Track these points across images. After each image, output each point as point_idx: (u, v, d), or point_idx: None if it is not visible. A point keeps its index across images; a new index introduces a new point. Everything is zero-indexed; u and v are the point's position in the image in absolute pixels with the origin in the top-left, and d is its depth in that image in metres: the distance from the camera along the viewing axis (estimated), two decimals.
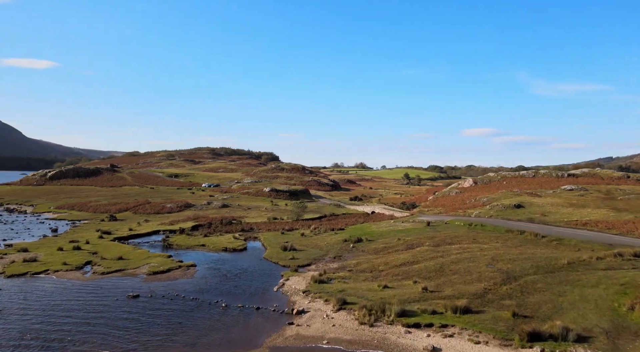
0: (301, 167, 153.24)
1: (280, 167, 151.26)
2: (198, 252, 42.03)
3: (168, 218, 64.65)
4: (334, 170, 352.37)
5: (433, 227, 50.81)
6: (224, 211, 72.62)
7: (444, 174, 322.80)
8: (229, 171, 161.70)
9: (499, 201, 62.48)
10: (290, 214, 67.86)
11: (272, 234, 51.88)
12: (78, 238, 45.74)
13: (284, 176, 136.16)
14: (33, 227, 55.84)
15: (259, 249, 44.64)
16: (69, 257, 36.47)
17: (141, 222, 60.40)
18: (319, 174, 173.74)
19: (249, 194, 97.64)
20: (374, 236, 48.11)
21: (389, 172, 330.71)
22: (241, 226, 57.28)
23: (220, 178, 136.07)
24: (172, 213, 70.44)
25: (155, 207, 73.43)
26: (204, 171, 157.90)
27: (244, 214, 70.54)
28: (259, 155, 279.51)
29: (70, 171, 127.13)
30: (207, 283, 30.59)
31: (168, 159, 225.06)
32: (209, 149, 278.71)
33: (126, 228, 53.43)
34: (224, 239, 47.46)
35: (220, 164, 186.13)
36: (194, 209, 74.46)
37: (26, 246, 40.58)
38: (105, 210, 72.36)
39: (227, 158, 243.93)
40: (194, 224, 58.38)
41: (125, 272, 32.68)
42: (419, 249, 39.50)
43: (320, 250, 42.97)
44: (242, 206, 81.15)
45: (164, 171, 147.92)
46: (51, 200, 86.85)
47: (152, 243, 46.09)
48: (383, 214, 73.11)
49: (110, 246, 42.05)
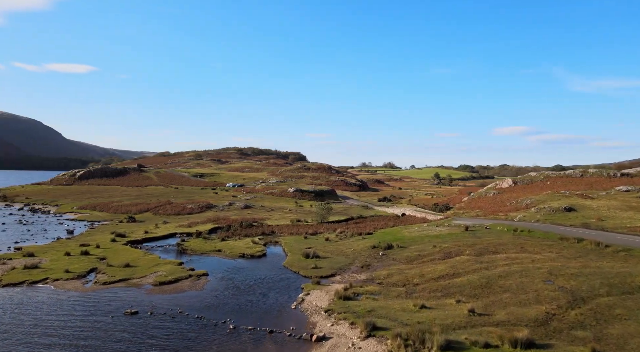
0: (327, 166, 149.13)
1: (306, 166, 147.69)
2: (213, 259, 38.68)
3: (187, 220, 62.00)
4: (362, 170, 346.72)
5: (472, 232, 45.64)
6: (245, 213, 69.48)
7: (476, 173, 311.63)
8: (254, 171, 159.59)
9: (545, 204, 56.30)
10: (314, 216, 63.98)
11: (294, 239, 48.07)
12: (90, 241, 43.35)
13: (310, 175, 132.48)
14: (50, 229, 54.24)
15: (279, 255, 40.90)
16: (74, 263, 33.78)
17: (159, 224, 57.93)
18: (346, 173, 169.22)
19: (272, 194, 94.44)
20: (406, 242, 43.48)
21: (418, 172, 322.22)
22: (262, 229, 53.79)
23: (245, 178, 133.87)
24: (193, 214, 67.86)
25: (176, 208, 71.13)
26: (229, 171, 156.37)
27: (266, 215, 67.17)
28: (286, 155, 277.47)
29: (98, 171, 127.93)
30: (217, 297, 26.98)
31: (195, 159, 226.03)
32: (236, 149, 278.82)
33: (142, 230, 50.91)
34: (242, 244, 44.01)
35: (245, 164, 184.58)
36: (215, 210, 71.71)
37: (34, 250, 38.35)
38: (126, 211, 70.62)
39: (254, 158, 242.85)
40: (212, 226, 55.35)
41: (129, 282, 29.53)
42: (459, 259, 34.66)
43: (346, 258, 38.78)
44: (265, 207, 77.88)
45: (189, 171, 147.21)
46: (76, 200, 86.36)
47: (166, 247, 43.15)
48: (414, 217, 68.09)
49: (120, 250, 39.29)
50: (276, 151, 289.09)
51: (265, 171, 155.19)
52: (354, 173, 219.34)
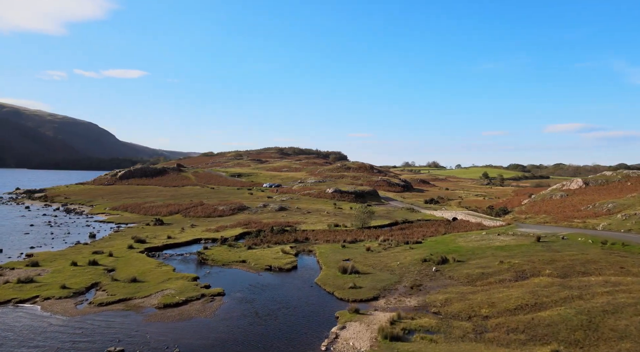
0: (369, 166, 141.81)
1: (347, 166, 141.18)
2: (235, 272, 33.38)
3: (217, 223, 57.56)
4: (405, 169, 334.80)
5: (546, 244, 37.56)
6: (279, 215, 64.23)
7: (528, 173, 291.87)
8: (293, 170, 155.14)
9: (634, 209, 46.71)
10: (354, 220, 57.56)
11: (331, 247, 41.99)
12: (106, 248, 39.48)
13: (350, 175, 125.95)
14: (74, 232, 51.46)
15: (312, 268, 34.98)
16: (76, 276, 29.52)
17: (186, 227, 53.78)
18: (389, 173, 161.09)
19: (310, 195, 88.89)
20: (463, 255, 36.21)
21: (465, 172, 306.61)
22: (295, 235, 48.14)
23: (282, 178, 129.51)
24: (223, 217, 63.49)
25: (207, 210, 67.14)
26: (268, 171, 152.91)
27: (301, 219, 61.55)
28: (326, 154, 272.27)
29: (138, 171, 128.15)
30: (229, 328, 21.42)
31: (236, 159, 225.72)
32: (277, 148, 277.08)
33: (165, 235, 46.73)
34: (270, 254, 38.47)
35: (284, 163, 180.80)
36: (247, 212, 67.05)
37: (43, 258, 34.76)
38: (157, 212, 67.47)
39: (294, 157, 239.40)
40: (241, 231, 50.39)
41: (129, 304, 24.63)
42: (537, 281, 27.17)
43: (392, 274, 32.21)
44: (301, 209, 72.36)
45: (227, 171, 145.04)
46: (111, 200, 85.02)
47: (185, 256, 38.42)
48: (468, 222, 60.02)
49: (133, 260, 34.88)
50: (317, 151, 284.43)
51: (303, 171, 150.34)
52: (396, 173, 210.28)
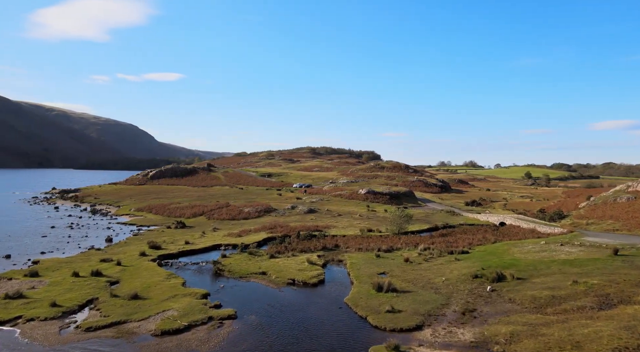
0: (404, 165, 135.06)
1: (380, 165, 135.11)
2: (252, 286, 29.05)
3: (241, 226, 53.75)
4: (440, 169, 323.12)
5: (627, 259, 31.00)
6: (307, 219, 59.71)
7: (575, 173, 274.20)
8: (324, 170, 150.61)
9: None
10: (390, 225, 52.12)
11: (364, 257, 37.00)
12: (117, 254, 36.30)
13: (384, 175, 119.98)
14: (92, 235, 49.01)
15: (342, 283, 30.16)
16: (73, 290, 26.08)
17: (207, 231, 50.25)
18: (424, 173, 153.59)
19: (341, 196, 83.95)
20: (523, 270, 30.30)
21: (505, 171, 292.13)
22: (323, 241, 43.42)
23: (313, 178, 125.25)
24: (248, 220, 59.68)
25: (231, 212, 63.61)
26: (298, 170, 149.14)
27: (331, 222, 56.77)
28: (359, 154, 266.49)
29: (169, 171, 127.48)
30: None
31: (267, 159, 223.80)
32: (309, 148, 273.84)
33: (183, 240, 43.21)
34: (294, 264, 33.94)
35: (315, 163, 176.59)
36: (274, 215, 62.95)
37: (46, 266, 31.89)
38: (180, 214, 64.64)
39: (326, 157, 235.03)
40: (266, 236, 46.20)
41: (122, 329, 20.70)
42: (631, 312, 21.14)
43: (436, 293, 26.88)
44: (332, 211, 67.57)
45: (257, 171, 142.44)
46: (139, 201, 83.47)
47: (201, 265, 34.51)
48: (519, 228, 53.32)
49: (141, 270, 31.25)
50: (349, 150, 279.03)
51: (335, 171, 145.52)
52: (432, 173, 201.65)
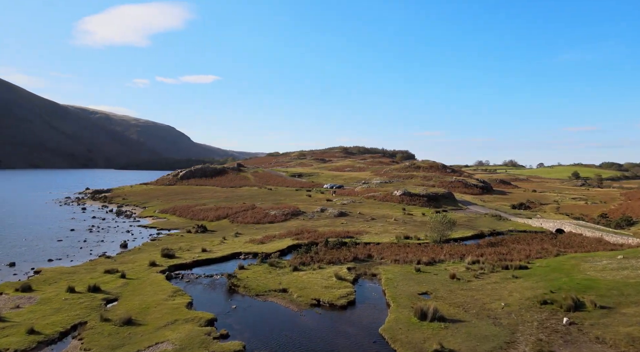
0: (441, 165, 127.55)
1: (416, 165, 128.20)
2: (269, 307, 24.57)
3: (265, 231, 49.62)
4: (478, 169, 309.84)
5: None
6: (338, 223, 54.83)
7: (627, 172, 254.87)
8: (356, 170, 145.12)
9: None
10: (430, 232, 46.33)
11: (401, 271, 31.79)
12: (125, 264, 32.90)
13: (420, 175, 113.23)
14: (108, 239, 46.26)
15: (376, 304, 25.20)
16: (61, 311, 22.49)
17: (228, 236, 46.37)
18: (463, 173, 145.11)
19: (375, 198, 78.49)
20: (604, 295, 24.22)
21: (549, 171, 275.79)
22: (355, 250, 38.46)
23: (345, 178, 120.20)
24: (274, 224, 55.49)
25: (257, 215, 59.66)
26: (330, 170, 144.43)
27: (363, 227, 51.65)
28: (392, 153, 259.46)
29: (198, 171, 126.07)
30: None
31: (299, 158, 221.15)
32: (341, 148, 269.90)
33: (200, 247, 39.41)
34: (320, 279, 29.21)
35: (348, 163, 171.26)
36: (302, 218, 58.48)
37: (43, 279, 28.80)
38: (204, 216, 61.39)
39: (358, 157, 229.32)
40: (290, 243, 41.70)
41: None
42: None
43: (496, 324, 21.42)
44: (364, 215, 62.36)
45: (288, 171, 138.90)
46: (165, 202, 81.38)
47: (214, 279, 30.40)
48: (581, 236, 46.31)
49: (146, 285, 27.43)
50: (383, 150, 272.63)
51: (368, 171, 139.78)
52: (469, 173, 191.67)
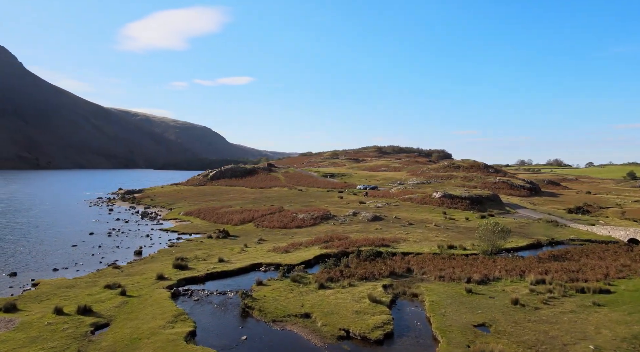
0: (482, 164, 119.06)
1: (455, 165, 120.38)
2: (288, 338, 19.98)
3: (291, 237, 45.19)
4: (520, 168, 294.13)
5: None
6: (372, 228, 49.61)
7: None
8: (391, 170, 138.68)
9: None
10: (479, 240, 40.12)
11: (448, 291, 26.37)
12: (131, 276, 29.31)
13: (460, 175, 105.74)
14: (124, 245, 43.26)
15: (419, 339, 20.07)
16: (35, 343, 18.80)
17: (251, 243, 42.26)
18: (507, 173, 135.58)
19: (412, 200, 72.49)
20: None
21: (600, 171, 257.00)
22: (392, 262, 33.24)
23: (379, 178, 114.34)
24: (302, 228, 51.00)
25: (284, 219, 55.37)
26: (363, 170, 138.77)
27: (400, 234, 46.18)
28: (428, 153, 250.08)
29: (228, 171, 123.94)
30: None
31: (332, 158, 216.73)
32: (375, 147, 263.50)
33: (217, 257, 35.39)
34: (351, 300, 24.28)
35: (382, 162, 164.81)
36: (332, 223, 53.67)
37: (34, 295, 25.54)
38: (228, 220, 57.80)
39: (393, 156, 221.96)
40: (318, 252, 36.95)
41: None
42: None
43: None
44: (401, 219, 56.74)
45: (320, 171, 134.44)
46: (191, 203, 78.85)
47: (227, 297, 26.10)
48: None
49: (145, 305, 23.49)
50: (418, 149, 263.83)
51: (404, 171, 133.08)
52: (511, 172, 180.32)
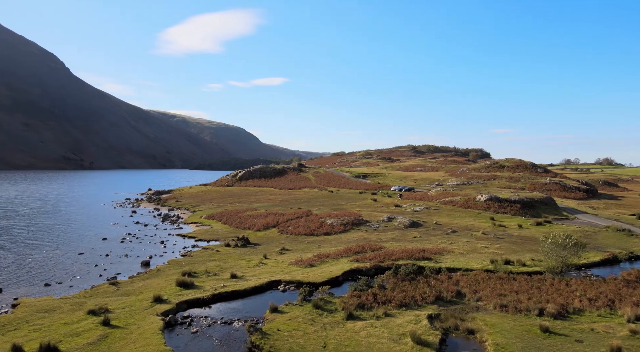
0: (530, 164, 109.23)
1: (499, 164, 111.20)
2: None
3: (318, 247, 39.88)
4: (566, 168, 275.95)
5: None
6: (410, 236, 43.48)
7: None
8: (428, 170, 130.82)
9: None
10: (546, 256, 33.08)
11: (516, 327, 20.21)
12: (123, 298, 24.94)
13: (505, 176, 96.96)
14: (134, 253, 39.38)
15: None
16: None
17: (271, 253, 37.28)
18: (558, 173, 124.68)
19: (453, 203, 65.48)
20: None
21: None
22: (437, 283, 27.18)
23: (416, 179, 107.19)
24: (330, 236, 45.59)
25: (311, 224, 50.16)
26: (398, 170, 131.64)
27: (443, 244, 39.84)
28: (465, 152, 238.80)
29: (257, 171, 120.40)
30: None
31: (364, 158, 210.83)
32: (409, 146, 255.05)
33: (230, 272, 30.57)
34: (388, 338, 18.61)
35: (418, 162, 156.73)
36: (364, 229, 47.93)
37: (3, 322, 21.34)
38: (251, 224, 53.23)
39: (429, 155, 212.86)
40: (348, 266, 31.38)
41: None
42: None
43: None
44: (442, 225, 50.23)
45: (352, 171, 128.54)
46: (216, 205, 75.19)
47: (232, 329, 21.06)
48: None
49: (127, 342, 18.84)
50: (454, 148, 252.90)
51: (442, 171, 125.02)
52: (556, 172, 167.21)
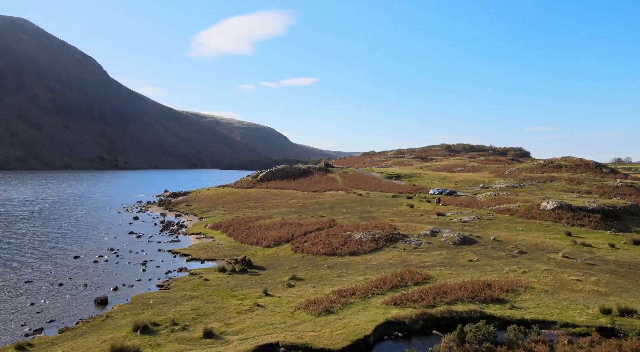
0: (593, 163, 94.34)
1: (555, 163, 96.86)
2: None
3: (340, 274, 29.57)
4: (617, 167, 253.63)
5: None
6: (463, 258, 32.43)
7: None
8: (469, 170, 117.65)
9: None
10: None
11: None
12: None
13: (564, 177, 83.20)
14: (98, 282, 30.40)
15: None
16: None
17: (276, 288, 27.28)
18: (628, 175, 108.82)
19: (511, 212, 53.45)
20: None
21: None
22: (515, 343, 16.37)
23: (456, 180, 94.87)
24: (357, 256, 35.17)
25: (333, 240, 39.84)
26: (434, 171, 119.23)
27: (514, 274, 28.53)
28: (503, 151, 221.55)
29: (279, 172, 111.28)
30: None
31: (396, 157, 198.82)
32: (444, 145, 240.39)
33: (204, 326, 20.81)
34: None
35: (456, 161, 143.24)
36: (401, 247, 37.20)
37: None
38: (261, 238, 43.55)
39: (465, 155, 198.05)
40: (382, 315, 20.93)
41: None
42: None
43: None
44: (504, 243, 38.74)
45: (383, 171, 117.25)
46: (229, 210, 66.27)
47: None
48: None
49: None
50: (491, 147, 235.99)
51: (485, 171, 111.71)
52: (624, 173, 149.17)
